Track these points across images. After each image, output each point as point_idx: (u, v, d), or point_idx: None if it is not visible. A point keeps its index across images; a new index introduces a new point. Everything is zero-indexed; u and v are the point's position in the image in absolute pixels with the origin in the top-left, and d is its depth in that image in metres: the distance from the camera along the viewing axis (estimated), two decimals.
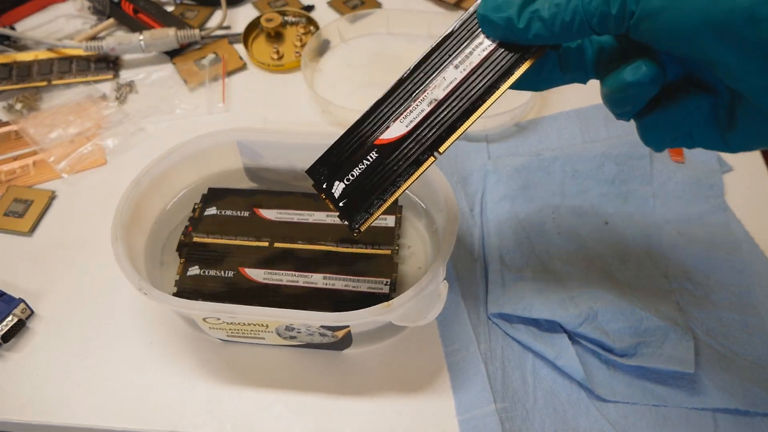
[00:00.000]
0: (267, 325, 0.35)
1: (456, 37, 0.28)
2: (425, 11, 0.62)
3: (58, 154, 0.50)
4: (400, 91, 0.29)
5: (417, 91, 0.29)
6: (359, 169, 0.29)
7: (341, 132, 0.29)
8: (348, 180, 0.29)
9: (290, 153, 0.44)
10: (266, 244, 0.41)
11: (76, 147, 0.50)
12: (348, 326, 0.34)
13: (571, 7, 0.24)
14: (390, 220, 0.42)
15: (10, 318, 0.39)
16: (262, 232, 0.42)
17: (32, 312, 0.40)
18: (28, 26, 0.62)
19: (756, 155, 0.49)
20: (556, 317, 0.37)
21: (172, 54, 0.58)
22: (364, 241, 0.41)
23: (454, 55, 0.28)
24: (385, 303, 0.33)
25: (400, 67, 0.30)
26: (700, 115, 0.26)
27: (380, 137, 0.29)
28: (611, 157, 0.46)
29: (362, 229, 0.29)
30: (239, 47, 0.60)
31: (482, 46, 0.28)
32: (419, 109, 0.28)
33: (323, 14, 0.63)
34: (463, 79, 0.28)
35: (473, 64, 0.28)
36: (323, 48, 0.59)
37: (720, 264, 0.41)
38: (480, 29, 0.28)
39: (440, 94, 0.28)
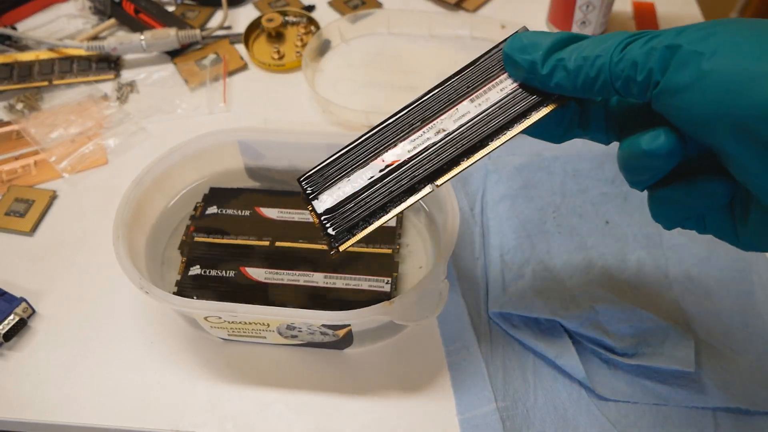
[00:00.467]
0: (268, 324, 0.35)
1: (478, 68, 0.28)
2: (426, 11, 0.62)
3: (60, 153, 0.50)
4: (409, 113, 0.28)
5: (427, 118, 0.27)
6: (352, 187, 0.27)
7: (342, 132, 0.29)
8: (338, 196, 0.27)
9: (291, 152, 0.44)
10: (267, 243, 0.41)
11: (78, 147, 0.50)
12: (349, 325, 0.34)
13: (597, 64, 0.23)
14: (391, 220, 0.42)
15: (11, 317, 0.39)
16: (263, 231, 0.42)
17: (33, 311, 0.40)
18: (30, 26, 0.62)
19: None
20: (557, 316, 0.37)
21: (173, 54, 0.58)
22: (364, 240, 0.41)
23: (472, 88, 0.27)
24: (386, 302, 0.33)
25: (401, 67, 0.29)
26: (714, 201, 0.24)
27: (380, 158, 0.27)
28: (612, 157, 0.46)
29: (341, 249, 0.27)
30: (240, 47, 0.60)
31: (503, 84, 0.27)
32: (425, 136, 0.27)
33: (324, 14, 0.63)
34: (477, 115, 0.27)
35: (490, 102, 0.27)
36: (324, 48, 0.59)
37: (720, 264, 0.41)
38: (503, 66, 0.27)
39: (450, 126, 0.27)
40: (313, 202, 0.28)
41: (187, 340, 0.39)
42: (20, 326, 0.39)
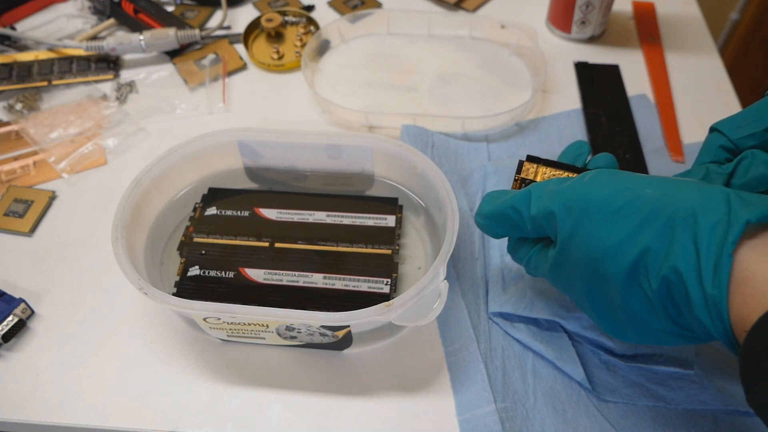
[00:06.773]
0: (267, 325, 0.35)
1: None
2: (425, 11, 0.62)
3: (59, 154, 0.50)
4: None
5: None
6: None
7: (341, 132, 0.29)
8: None
9: (290, 153, 0.44)
10: (266, 244, 0.41)
11: (77, 147, 0.50)
12: (348, 326, 0.34)
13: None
14: (390, 220, 0.42)
15: (10, 318, 0.39)
16: (262, 232, 0.42)
17: (32, 312, 0.40)
18: (29, 26, 0.62)
19: None
20: (557, 317, 0.37)
21: (173, 54, 0.58)
22: (364, 240, 0.41)
23: None
24: (386, 303, 0.33)
25: (401, 67, 0.29)
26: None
27: None
28: None
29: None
30: (239, 47, 0.60)
31: None
32: None
33: (323, 14, 0.63)
34: None
35: None
36: (323, 48, 0.59)
37: None
38: None
39: None
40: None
41: (186, 341, 0.39)
42: (19, 327, 0.39)
